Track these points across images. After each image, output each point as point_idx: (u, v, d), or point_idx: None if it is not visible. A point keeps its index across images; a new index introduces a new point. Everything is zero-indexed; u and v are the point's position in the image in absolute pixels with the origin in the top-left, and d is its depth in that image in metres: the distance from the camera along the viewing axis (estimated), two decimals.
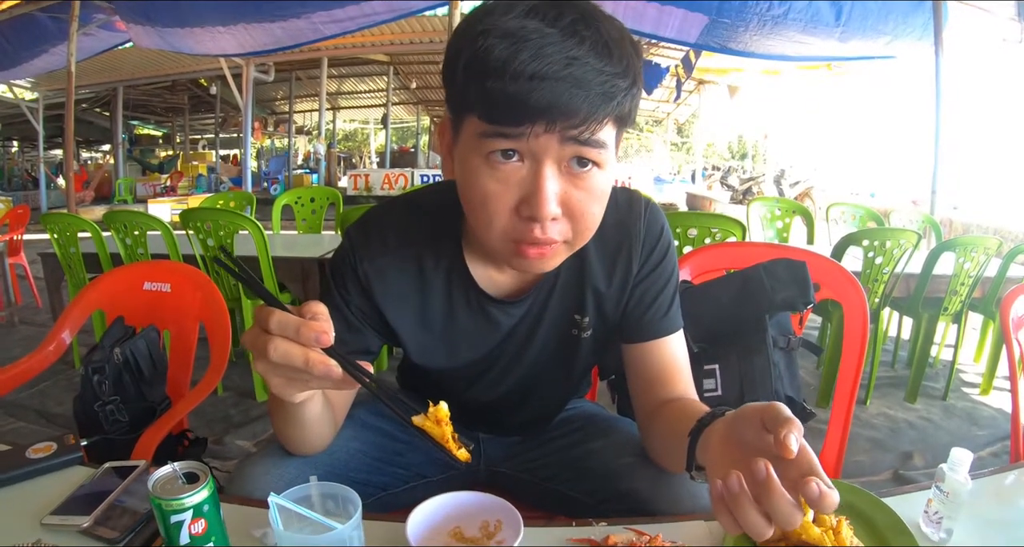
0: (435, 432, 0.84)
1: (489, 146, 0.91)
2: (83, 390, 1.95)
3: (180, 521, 0.83)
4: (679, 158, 35.35)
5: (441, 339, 1.26)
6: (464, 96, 0.92)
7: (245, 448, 3.35)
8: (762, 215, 5.56)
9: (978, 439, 3.58)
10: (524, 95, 0.84)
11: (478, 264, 1.20)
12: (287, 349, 0.79)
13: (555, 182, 0.93)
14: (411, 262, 1.20)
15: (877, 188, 17.86)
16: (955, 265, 3.72)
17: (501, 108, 0.87)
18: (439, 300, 1.23)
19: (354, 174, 19.91)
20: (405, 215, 1.24)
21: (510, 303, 1.23)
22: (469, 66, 0.88)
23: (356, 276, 1.20)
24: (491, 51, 0.85)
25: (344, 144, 37.41)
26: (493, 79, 0.85)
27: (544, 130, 0.88)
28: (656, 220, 1.24)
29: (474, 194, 0.96)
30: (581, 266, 1.22)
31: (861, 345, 1.73)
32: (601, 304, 1.25)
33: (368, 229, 1.22)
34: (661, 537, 0.95)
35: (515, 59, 0.84)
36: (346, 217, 4.08)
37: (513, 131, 0.88)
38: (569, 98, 0.85)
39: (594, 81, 0.86)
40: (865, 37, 6.83)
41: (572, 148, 0.91)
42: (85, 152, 30.19)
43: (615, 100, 0.88)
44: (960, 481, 0.99)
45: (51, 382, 4.22)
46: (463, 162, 0.97)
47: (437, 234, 1.20)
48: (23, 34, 9.08)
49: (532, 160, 0.92)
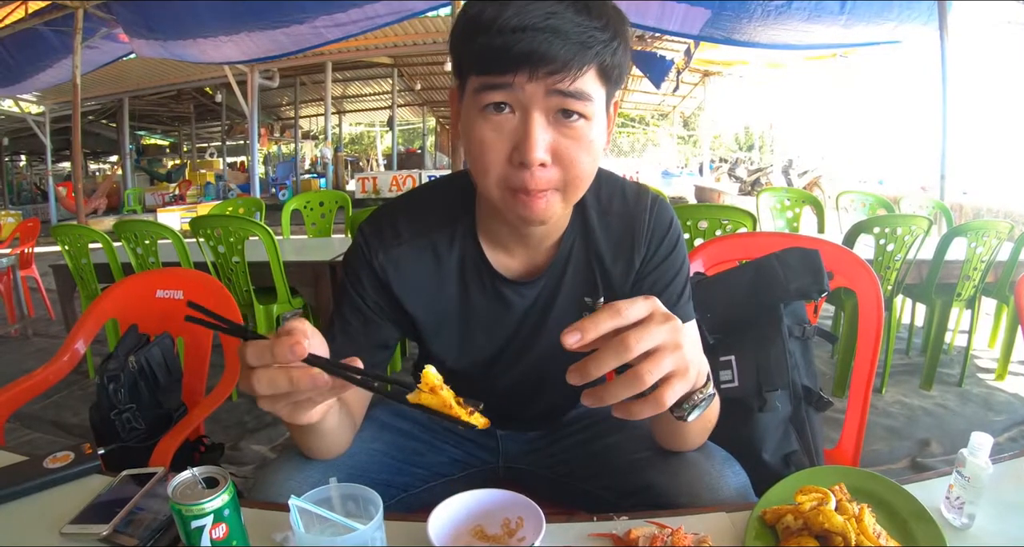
0: (434, 402, 0.84)
1: (484, 99, 0.99)
2: (99, 399, 1.97)
3: (201, 526, 0.83)
4: (686, 151, 35.24)
5: (457, 324, 1.29)
6: (463, 58, 1.01)
7: (261, 453, 3.36)
8: (771, 205, 5.53)
9: (995, 424, 3.55)
10: (509, 45, 0.92)
11: (491, 248, 1.24)
12: (270, 377, 0.81)
13: (543, 131, 0.99)
14: (426, 251, 1.24)
15: (885, 175, 17.82)
16: (967, 250, 3.68)
17: (489, 59, 0.96)
18: (454, 285, 1.26)
19: (362, 177, 19.97)
20: (416, 207, 1.28)
21: (522, 284, 1.26)
22: (464, 29, 0.99)
23: (372, 270, 1.23)
24: (482, 13, 0.95)
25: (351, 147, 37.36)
26: (482, 35, 0.94)
27: (528, 79, 0.95)
28: (664, 215, 1.27)
29: (473, 144, 1.03)
30: (591, 249, 1.26)
31: (876, 332, 1.72)
32: (610, 286, 1.27)
33: (381, 223, 1.26)
34: (683, 530, 0.95)
35: (501, 16, 0.92)
36: (355, 220, 4.09)
37: (501, 80, 0.96)
38: (548, 46, 0.92)
39: (572, 31, 0.93)
40: (870, 22, 6.80)
41: (557, 100, 0.97)
42: (93, 163, 30.37)
43: (593, 49, 0.95)
44: (981, 465, 0.98)
45: (66, 393, 4.24)
46: (465, 118, 1.05)
47: (450, 221, 1.25)
48: (27, 49, 9.12)
49: (522, 111, 0.99)
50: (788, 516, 0.94)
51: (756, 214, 4.07)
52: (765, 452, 1.50)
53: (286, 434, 3.56)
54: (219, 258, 3.86)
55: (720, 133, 35.85)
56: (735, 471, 1.19)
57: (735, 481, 1.17)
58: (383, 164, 33.06)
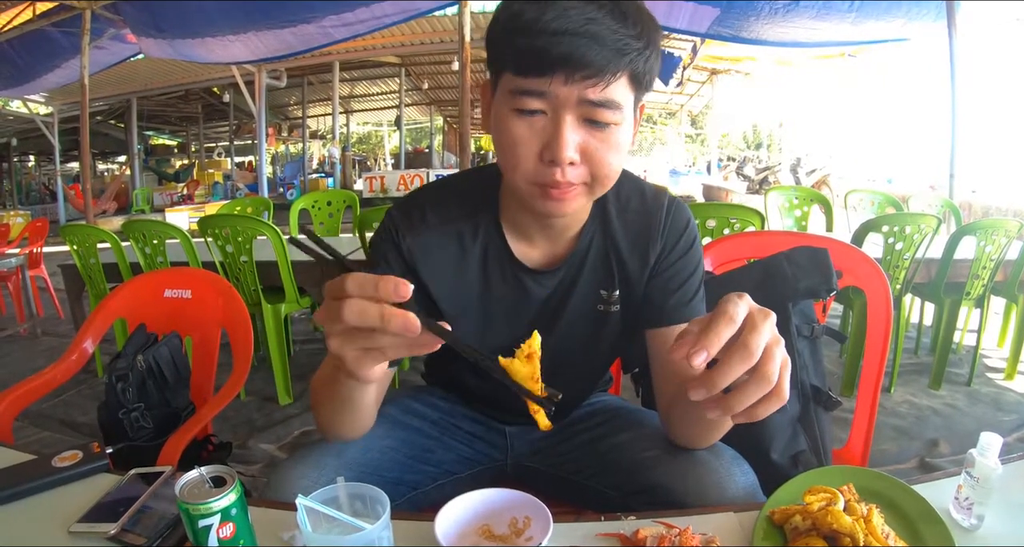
0: (523, 371, 0.85)
1: (518, 103, 1.02)
2: (107, 398, 1.97)
3: (208, 525, 0.84)
4: (694, 150, 35.23)
5: (478, 312, 1.32)
6: (500, 54, 1.04)
7: (269, 452, 3.36)
8: (780, 204, 5.52)
9: (1004, 424, 3.53)
10: (548, 47, 0.95)
11: (514, 238, 1.28)
12: (363, 307, 0.77)
13: (573, 132, 1.02)
14: (451, 238, 1.28)
15: (894, 174, 17.75)
16: (976, 249, 3.67)
17: (528, 60, 0.98)
18: (476, 272, 1.29)
19: (369, 176, 19.98)
20: (444, 195, 1.32)
21: (542, 273, 1.29)
22: (504, 27, 1.02)
23: (399, 252, 1.27)
24: (523, 13, 0.97)
25: (358, 147, 37.49)
26: (522, 36, 0.97)
27: (564, 82, 0.97)
28: (682, 214, 1.32)
29: (505, 140, 1.06)
30: (609, 243, 1.30)
31: (885, 332, 1.71)
32: (627, 280, 1.31)
33: (410, 209, 1.29)
34: (691, 530, 0.94)
35: (541, 18, 0.95)
36: (363, 219, 4.09)
37: (538, 83, 0.99)
38: (585, 50, 0.95)
39: (608, 38, 0.95)
40: (879, 19, 6.78)
41: (588, 109, 1.00)
42: (101, 164, 30.46)
43: (627, 56, 0.98)
44: (990, 466, 0.97)
45: (75, 391, 4.26)
46: (497, 113, 1.08)
47: (475, 211, 1.29)
48: (35, 50, 9.17)
49: (553, 112, 1.01)
50: (796, 516, 0.93)
51: (764, 213, 4.06)
52: (773, 452, 1.50)
53: (293, 433, 3.57)
54: (227, 257, 3.87)
55: (728, 132, 35.79)
56: (743, 470, 1.19)
57: (743, 480, 1.17)
58: (391, 163, 33.16)
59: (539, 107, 1.01)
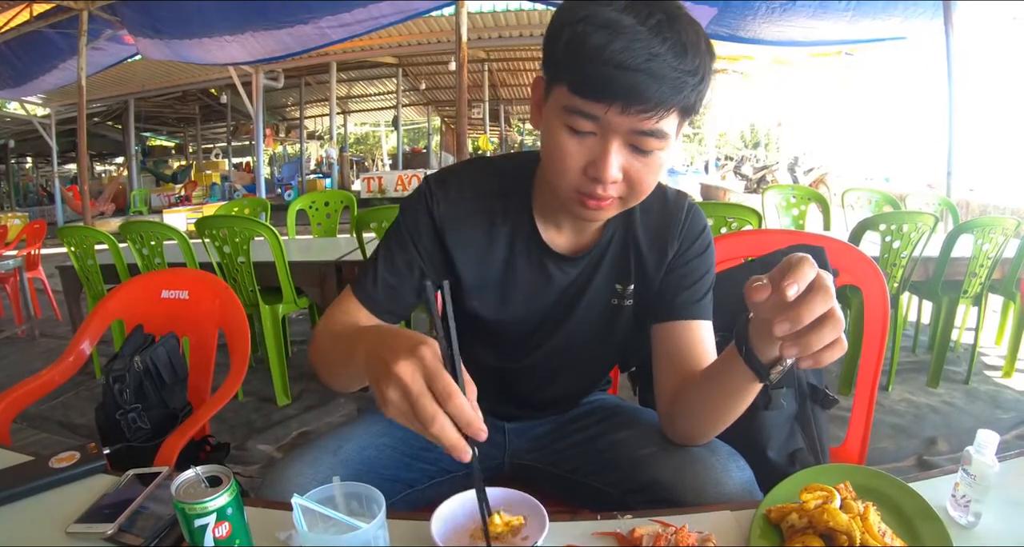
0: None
1: (571, 122, 1.05)
2: (105, 399, 1.97)
3: (204, 525, 0.84)
4: (691, 149, 35.17)
5: (497, 287, 1.34)
6: (560, 67, 1.05)
7: (267, 452, 3.36)
8: (777, 203, 5.53)
9: (1002, 422, 3.54)
10: (609, 79, 0.98)
11: (543, 222, 1.31)
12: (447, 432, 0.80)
13: (619, 155, 1.06)
14: (482, 214, 1.31)
15: (891, 173, 17.75)
16: (973, 247, 3.67)
17: (589, 86, 1.00)
18: (502, 250, 1.32)
19: (367, 177, 19.94)
20: (481, 173, 1.37)
21: (566, 259, 1.32)
22: (568, 45, 1.02)
23: (431, 218, 1.30)
24: (589, 37, 0.98)
25: (356, 147, 37.39)
26: (587, 62, 0.99)
27: (620, 112, 1.00)
28: (699, 218, 1.36)
29: (553, 150, 1.09)
30: (630, 238, 1.34)
31: (882, 330, 1.71)
32: (643, 274, 1.35)
33: (447, 179, 1.34)
34: (687, 528, 0.94)
35: (607, 48, 0.97)
36: (361, 220, 4.09)
37: (594, 108, 1.01)
38: (645, 87, 0.97)
39: (668, 76, 0.98)
40: (875, 18, 6.79)
41: (637, 137, 1.04)
42: (99, 165, 30.38)
43: (683, 93, 1.01)
44: (987, 463, 0.97)
45: (73, 393, 4.26)
46: (549, 122, 1.10)
47: (509, 192, 1.32)
48: (33, 51, 9.17)
49: (602, 134, 1.05)
50: (793, 514, 0.93)
51: (762, 211, 4.06)
52: (770, 450, 1.50)
53: (292, 434, 3.57)
54: (224, 258, 3.87)
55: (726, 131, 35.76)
56: (740, 466, 1.20)
57: (740, 476, 1.17)
58: (388, 164, 33.11)
59: (591, 129, 1.04)
